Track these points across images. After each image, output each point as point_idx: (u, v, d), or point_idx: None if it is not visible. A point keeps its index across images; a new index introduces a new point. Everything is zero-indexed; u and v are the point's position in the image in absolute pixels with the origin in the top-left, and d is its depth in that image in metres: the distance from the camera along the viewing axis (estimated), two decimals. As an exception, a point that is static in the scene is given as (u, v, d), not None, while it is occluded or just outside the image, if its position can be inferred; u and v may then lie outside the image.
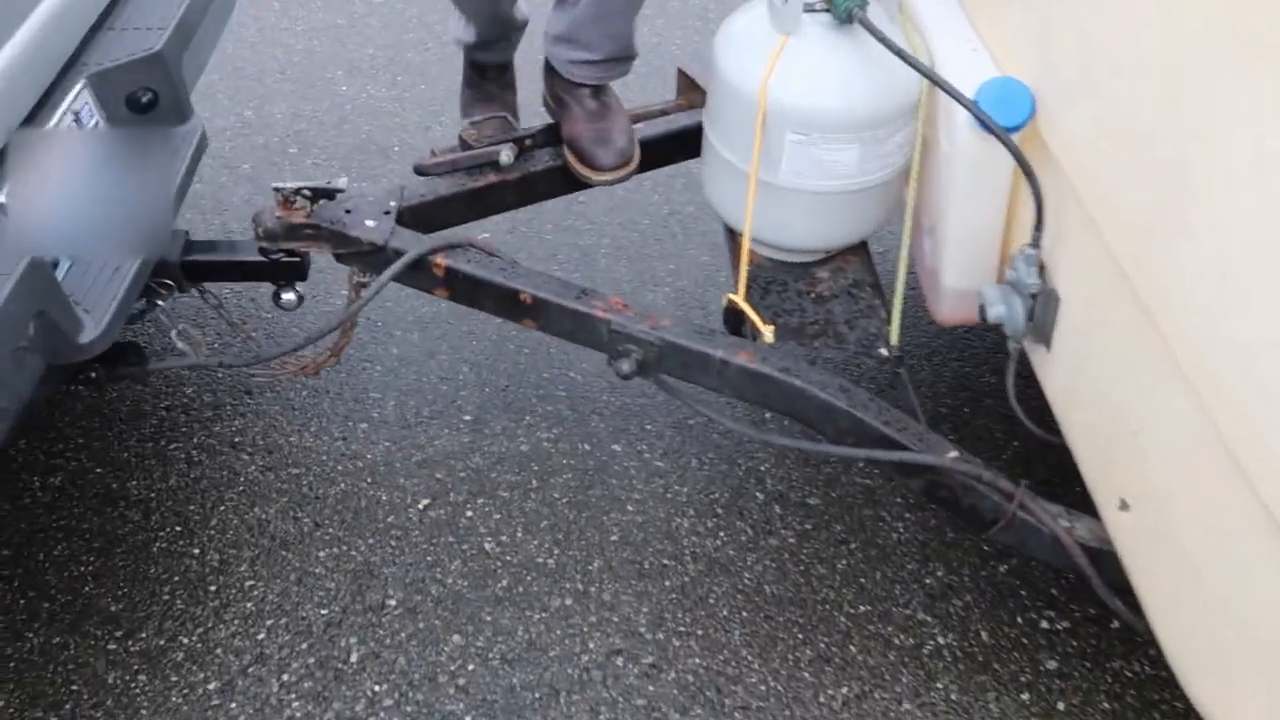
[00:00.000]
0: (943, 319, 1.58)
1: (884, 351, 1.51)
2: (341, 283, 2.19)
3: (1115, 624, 1.67)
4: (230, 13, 1.97)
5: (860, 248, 1.66)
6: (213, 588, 1.67)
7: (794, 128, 1.40)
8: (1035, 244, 1.29)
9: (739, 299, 1.49)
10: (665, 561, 1.75)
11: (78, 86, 1.47)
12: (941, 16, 1.44)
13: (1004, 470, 1.43)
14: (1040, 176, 1.26)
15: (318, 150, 2.62)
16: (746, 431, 1.44)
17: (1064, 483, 1.84)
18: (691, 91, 1.87)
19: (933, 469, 1.38)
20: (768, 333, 1.46)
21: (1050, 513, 1.40)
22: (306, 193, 1.49)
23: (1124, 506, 1.22)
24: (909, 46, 1.37)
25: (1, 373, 1.17)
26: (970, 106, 1.25)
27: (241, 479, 1.84)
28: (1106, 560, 1.37)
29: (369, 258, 1.53)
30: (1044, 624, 1.68)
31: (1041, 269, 1.33)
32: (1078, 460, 1.37)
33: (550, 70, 1.74)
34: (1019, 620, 1.68)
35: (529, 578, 1.72)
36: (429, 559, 1.73)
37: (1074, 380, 1.31)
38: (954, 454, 1.39)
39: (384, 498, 1.83)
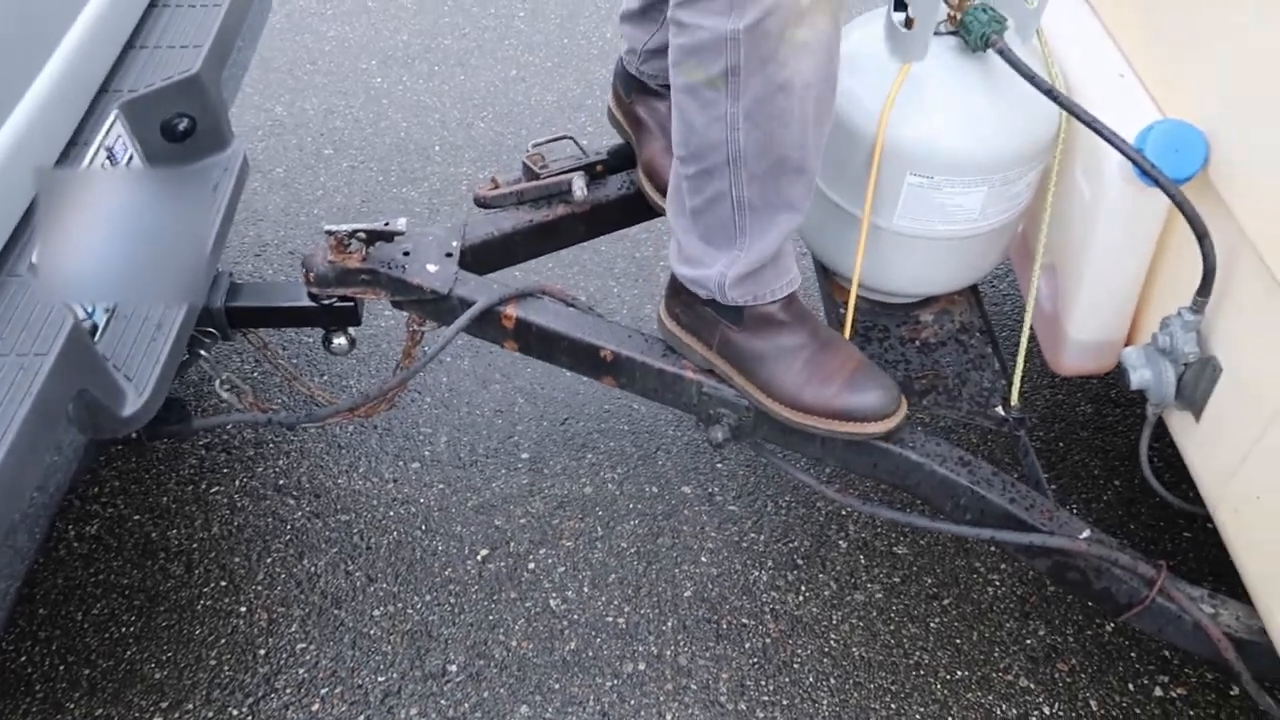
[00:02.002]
0: (1062, 369, 1.43)
1: (1001, 411, 1.36)
2: (390, 310, 2.06)
3: (1235, 691, 1.54)
4: (268, 13, 1.82)
5: (966, 287, 1.51)
6: (262, 651, 1.56)
7: (914, 169, 1.24)
8: (1198, 309, 1.14)
9: (843, 355, 1.34)
10: (744, 620, 1.63)
11: (110, 118, 1.32)
12: (1086, 45, 1.27)
13: (1112, 530, 1.30)
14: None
15: (354, 151, 2.47)
16: (853, 504, 1.30)
17: (1170, 529, 1.71)
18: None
19: (1064, 551, 1.24)
20: (877, 395, 1.31)
21: (1193, 597, 1.26)
22: (362, 235, 1.35)
23: (1300, 613, 1.08)
24: (1048, 77, 1.20)
25: (36, 467, 1.04)
26: (1136, 156, 1.09)
27: (288, 527, 1.72)
28: (1255, 652, 1.23)
29: (430, 306, 1.39)
30: (1157, 690, 1.55)
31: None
32: (1230, 544, 1.23)
33: (631, 79, 1.56)
34: (1130, 686, 1.55)
35: (598, 640, 1.60)
36: (490, 618, 1.61)
37: (1232, 460, 1.16)
38: (1087, 534, 1.25)
39: (440, 548, 1.70)
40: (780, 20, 1.04)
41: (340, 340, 1.50)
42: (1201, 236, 1.08)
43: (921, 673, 1.57)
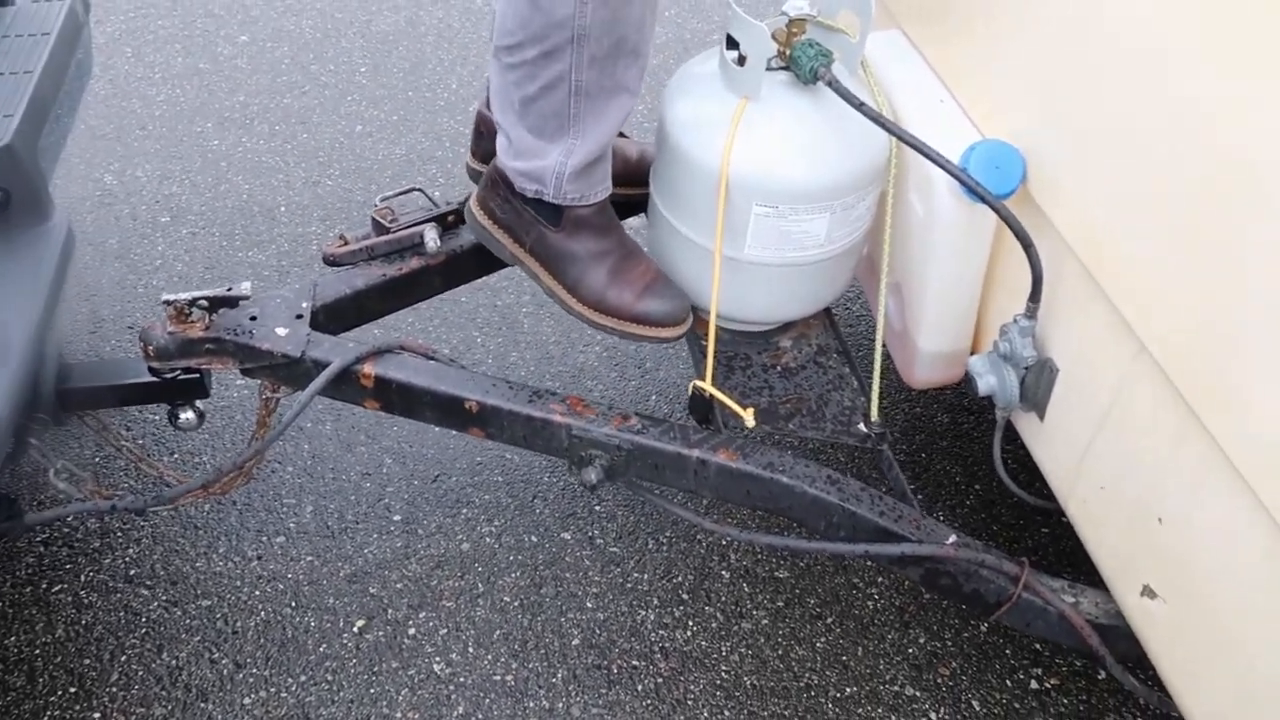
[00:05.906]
0: (916, 383, 1.49)
1: (863, 428, 1.40)
2: (243, 379, 1.96)
3: (1102, 675, 1.62)
4: (88, 78, 1.73)
5: (820, 310, 1.55)
6: (121, 758, 1.44)
7: (760, 200, 1.28)
8: (1031, 315, 1.21)
9: (708, 386, 1.36)
10: (635, 663, 1.61)
11: (-91, 196, 1.23)
12: (907, 75, 1.34)
13: (981, 534, 1.35)
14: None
15: (193, 217, 2.37)
16: (731, 533, 1.31)
17: (1029, 526, 1.79)
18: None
19: (933, 558, 1.28)
20: (748, 416, 1.33)
21: (1054, 589, 1.32)
22: (203, 302, 1.28)
23: (1150, 594, 1.14)
24: (875, 105, 1.26)
25: None
26: (961, 176, 1.15)
27: (143, 620, 1.60)
28: (1115, 635, 1.30)
29: (283, 370, 1.33)
30: (1033, 684, 1.61)
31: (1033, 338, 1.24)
32: (1082, 534, 1.29)
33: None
34: (1008, 683, 1.61)
35: (487, 701, 1.55)
36: (372, 691, 1.54)
37: (1075, 454, 1.23)
38: (954, 539, 1.30)
39: (312, 623, 1.62)
40: None
41: (188, 415, 1.42)
42: (1027, 246, 1.15)
43: (813, 694, 1.58)
